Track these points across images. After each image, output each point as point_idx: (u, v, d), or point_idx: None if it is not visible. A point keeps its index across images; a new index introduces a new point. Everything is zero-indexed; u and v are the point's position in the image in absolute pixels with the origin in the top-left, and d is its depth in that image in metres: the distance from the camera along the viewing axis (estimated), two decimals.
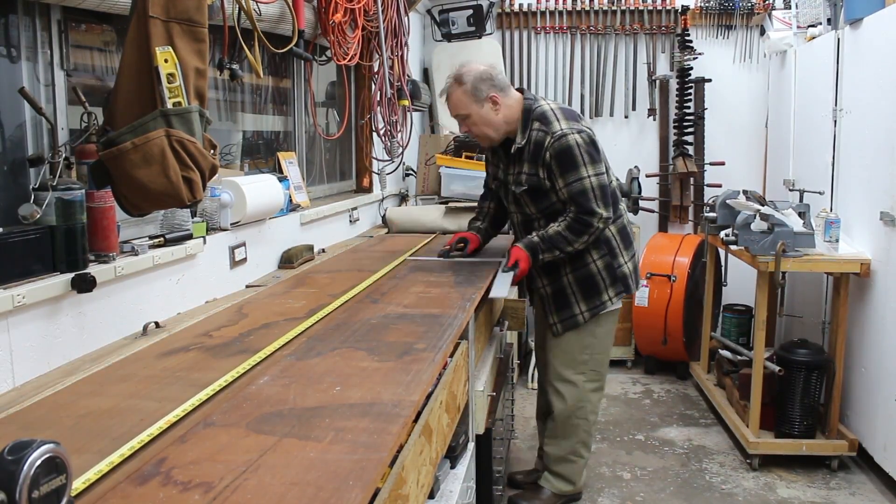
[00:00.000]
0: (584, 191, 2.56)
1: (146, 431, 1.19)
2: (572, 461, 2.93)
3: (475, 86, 2.61)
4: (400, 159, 4.09)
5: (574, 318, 2.77)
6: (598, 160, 2.60)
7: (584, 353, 2.81)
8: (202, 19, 1.67)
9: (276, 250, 2.80)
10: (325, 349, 1.67)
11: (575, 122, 2.63)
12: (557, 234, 2.60)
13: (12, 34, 1.72)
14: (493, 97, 2.62)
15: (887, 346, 3.14)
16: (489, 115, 2.64)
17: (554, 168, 2.58)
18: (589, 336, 2.80)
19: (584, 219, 2.58)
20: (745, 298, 4.63)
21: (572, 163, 2.56)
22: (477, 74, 2.62)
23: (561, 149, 2.56)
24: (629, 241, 2.80)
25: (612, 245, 2.73)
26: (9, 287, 1.51)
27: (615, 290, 2.75)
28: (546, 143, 2.58)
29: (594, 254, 2.71)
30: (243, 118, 2.99)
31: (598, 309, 2.75)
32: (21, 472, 0.78)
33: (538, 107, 2.65)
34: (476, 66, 2.65)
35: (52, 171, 1.66)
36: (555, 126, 2.59)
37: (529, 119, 2.64)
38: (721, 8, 5.05)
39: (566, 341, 2.81)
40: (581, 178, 2.56)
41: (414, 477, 1.39)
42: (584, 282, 2.73)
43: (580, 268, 2.72)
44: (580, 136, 2.58)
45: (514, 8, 5.21)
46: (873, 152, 3.30)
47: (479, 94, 2.61)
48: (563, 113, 2.65)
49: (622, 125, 5.28)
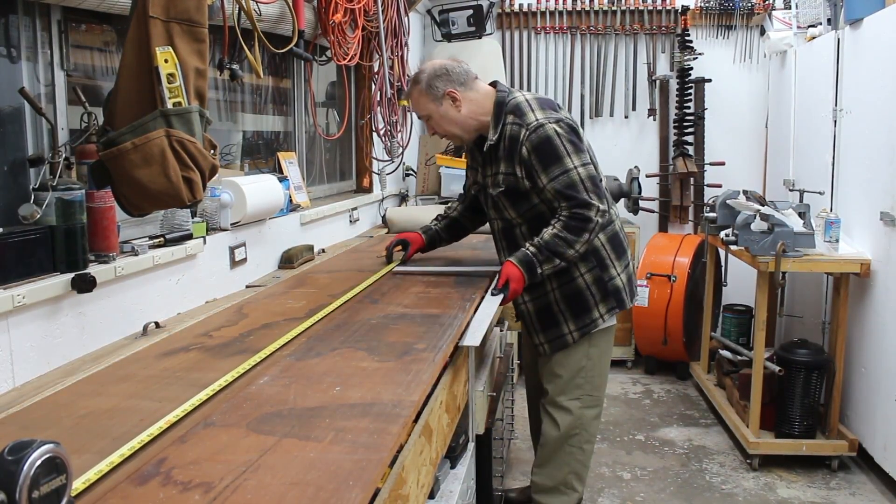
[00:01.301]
0: (572, 183, 2.26)
1: (146, 431, 1.19)
2: (563, 493, 2.57)
3: (429, 84, 2.38)
4: (400, 159, 4.10)
5: (563, 339, 2.46)
6: (582, 150, 2.31)
7: (578, 377, 2.49)
8: (202, 19, 1.67)
9: (276, 250, 2.80)
10: (325, 349, 1.67)
11: (553, 112, 2.34)
12: (554, 237, 2.27)
13: (12, 34, 1.72)
14: (449, 93, 2.36)
15: (887, 346, 3.14)
16: (450, 113, 2.39)
17: (534, 163, 2.28)
18: (582, 358, 2.48)
19: (580, 213, 2.26)
20: (745, 298, 4.63)
21: (554, 154, 2.26)
22: (431, 71, 2.38)
23: (539, 141, 2.27)
24: (622, 249, 2.48)
25: (600, 255, 2.42)
26: (9, 287, 1.51)
27: (607, 306, 2.44)
28: (521, 136, 2.29)
29: (581, 267, 2.40)
30: (243, 118, 2.99)
31: (589, 328, 2.44)
32: (21, 472, 0.78)
33: (512, 99, 2.37)
34: (432, 63, 2.42)
35: (52, 171, 1.67)
36: (529, 117, 2.31)
37: (503, 112, 2.36)
38: (721, 8, 5.05)
39: (557, 364, 2.50)
40: (566, 169, 2.26)
41: (414, 477, 1.39)
42: (572, 298, 2.42)
43: (567, 283, 2.41)
44: (559, 125, 2.29)
45: (514, 8, 5.21)
46: (873, 152, 3.30)
47: (435, 92, 2.37)
48: (538, 103, 2.37)
49: (622, 125, 5.27)
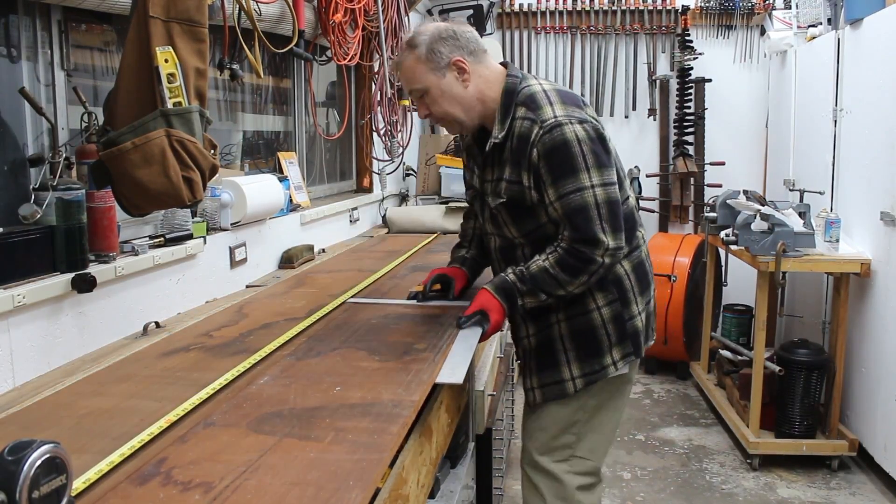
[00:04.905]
0: (583, 207, 1.74)
1: (146, 431, 1.19)
2: None
3: (431, 48, 1.80)
4: (400, 159, 4.10)
5: (560, 385, 1.91)
6: (606, 164, 1.77)
7: (568, 433, 1.95)
8: (202, 19, 1.67)
9: (276, 250, 2.80)
10: (325, 349, 1.67)
11: (576, 109, 1.80)
12: (542, 271, 1.78)
13: (12, 34, 1.72)
14: (456, 62, 1.80)
15: (887, 346, 3.14)
16: (454, 88, 1.82)
17: (543, 172, 1.77)
18: (578, 410, 1.93)
19: (581, 251, 1.75)
20: (745, 298, 4.63)
21: (568, 165, 1.74)
22: (434, 34, 1.82)
23: (553, 145, 1.74)
24: (646, 281, 1.96)
25: (623, 287, 1.89)
26: (9, 287, 1.51)
27: (622, 350, 1.89)
28: (533, 135, 1.76)
29: (599, 298, 1.87)
30: (243, 118, 2.99)
31: (597, 375, 1.89)
32: (21, 473, 0.78)
33: (526, 87, 1.84)
34: (435, 25, 1.87)
35: (52, 171, 1.67)
36: (545, 112, 1.78)
37: (512, 103, 1.83)
38: (721, 8, 5.05)
39: (546, 415, 1.96)
40: (581, 188, 1.74)
41: (414, 477, 1.39)
42: (582, 336, 1.89)
43: (578, 315, 1.88)
44: (582, 127, 1.76)
45: (514, 8, 5.21)
46: (873, 152, 3.30)
47: (437, 59, 1.80)
48: (559, 96, 1.83)
49: (622, 125, 5.27)
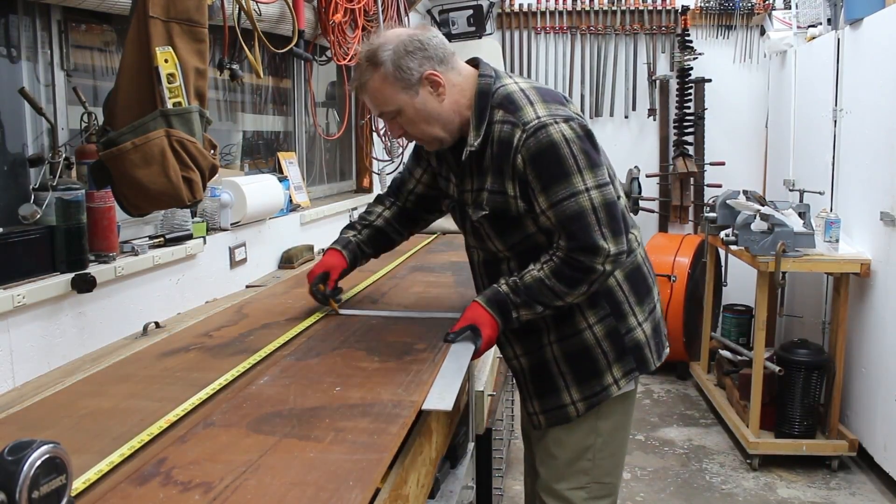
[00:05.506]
0: (579, 213, 1.60)
1: (146, 431, 1.19)
2: None
3: (398, 64, 1.62)
4: (400, 159, 4.10)
5: (563, 411, 1.80)
6: (598, 163, 1.64)
7: (583, 459, 1.83)
8: (202, 19, 1.67)
9: (276, 250, 2.80)
10: (325, 349, 1.67)
11: (559, 107, 1.65)
12: (538, 282, 1.63)
13: (12, 34, 1.72)
14: (429, 75, 1.63)
15: (887, 346, 3.14)
16: (429, 105, 1.65)
17: (531, 179, 1.62)
18: (589, 434, 1.82)
19: (580, 261, 1.60)
20: (745, 298, 4.63)
21: (559, 169, 1.60)
22: (398, 47, 1.63)
23: (539, 148, 1.60)
24: (645, 287, 1.81)
25: (616, 300, 1.75)
26: (9, 287, 1.51)
27: (623, 367, 1.76)
28: (515, 140, 1.61)
29: (589, 315, 1.73)
30: (243, 118, 2.99)
31: (599, 398, 1.78)
32: (21, 473, 0.78)
33: (501, 87, 1.68)
34: (396, 35, 1.67)
35: (52, 171, 1.67)
36: (526, 113, 1.62)
37: (487, 106, 1.66)
38: (721, 8, 5.06)
39: (554, 442, 1.85)
40: (575, 192, 1.59)
41: (414, 477, 1.39)
42: (576, 358, 1.76)
43: (569, 336, 1.75)
44: (568, 125, 1.61)
45: (514, 8, 5.21)
46: (873, 152, 3.30)
47: (407, 76, 1.63)
48: (539, 94, 1.67)
49: (622, 125, 5.27)
